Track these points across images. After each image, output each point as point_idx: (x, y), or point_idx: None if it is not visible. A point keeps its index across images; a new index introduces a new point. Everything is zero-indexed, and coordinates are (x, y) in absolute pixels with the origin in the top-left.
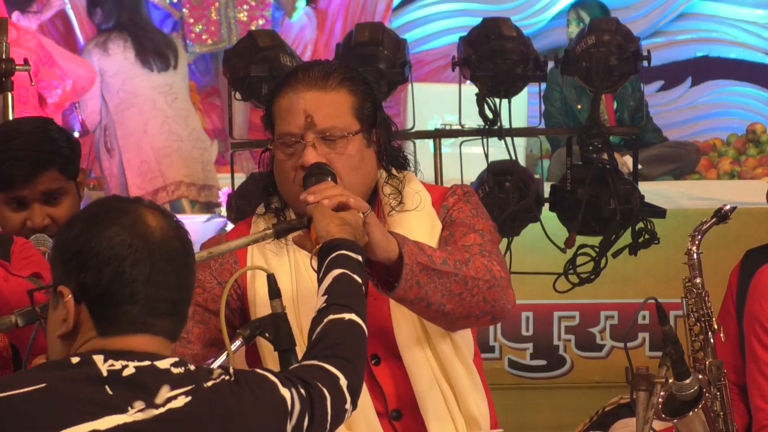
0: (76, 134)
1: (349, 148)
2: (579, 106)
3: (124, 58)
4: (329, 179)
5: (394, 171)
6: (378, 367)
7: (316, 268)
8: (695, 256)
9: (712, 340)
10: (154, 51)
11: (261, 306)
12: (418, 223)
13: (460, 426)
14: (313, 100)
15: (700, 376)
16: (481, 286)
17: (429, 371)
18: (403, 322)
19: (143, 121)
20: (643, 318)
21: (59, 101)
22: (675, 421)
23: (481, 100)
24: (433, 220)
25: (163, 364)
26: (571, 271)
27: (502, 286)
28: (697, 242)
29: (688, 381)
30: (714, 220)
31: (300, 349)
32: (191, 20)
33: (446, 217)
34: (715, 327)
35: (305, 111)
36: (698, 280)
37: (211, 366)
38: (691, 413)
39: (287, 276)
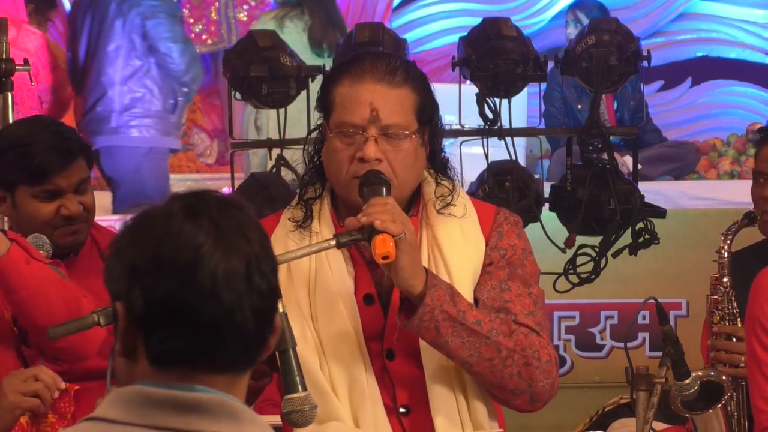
0: None
1: (407, 146)
2: (579, 106)
3: (299, 39)
4: (383, 189)
5: (440, 175)
6: (392, 362)
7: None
8: (726, 254)
9: (734, 339)
10: (325, 36)
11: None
12: (462, 232)
13: (467, 429)
14: (380, 94)
15: (723, 377)
16: (517, 360)
17: (446, 371)
18: None
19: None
20: (643, 318)
21: (51, 108)
22: (691, 416)
23: (481, 100)
24: (478, 236)
25: None
26: (571, 271)
27: (544, 369)
28: (729, 241)
29: (688, 381)
30: (745, 221)
31: (304, 346)
32: (191, 20)
33: (500, 249)
34: (740, 326)
35: (371, 104)
36: (726, 279)
37: None
38: (710, 410)
39: (306, 265)
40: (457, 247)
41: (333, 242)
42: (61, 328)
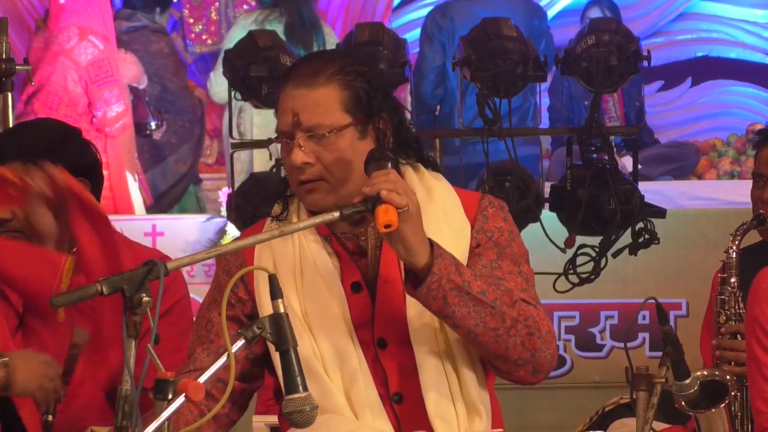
0: (153, 126)
1: (338, 144)
2: (586, 103)
3: None
4: (388, 164)
5: (405, 160)
6: (383, 351)
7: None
8: (734, 255)
9: (739, 337)
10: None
11: (265, 291)
12: (447, 217)
13: (460, 411)
14: (300, 98)
15: (727, 376)
16: (521, 330)
17: (436, 356)
18: (418, 307)
19: None
20: (643, 318)
21: (99, 124)
22: (695, 414)
23: (481, 100)
24: (462, 220)
25: None
26: (571, 271)
27: (545, 340)
28: (737, 241)
29: (688, 381)
30: (755, 222)
31: (303, 337)
32: (191, 20)
33: (486, 231)
34: None
35: (293, 110)
36: (733, 280)
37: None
38: (714, 409)
39: (291, 260)
40: (442, 233)
41: (336, 214)
42: (63, 298)
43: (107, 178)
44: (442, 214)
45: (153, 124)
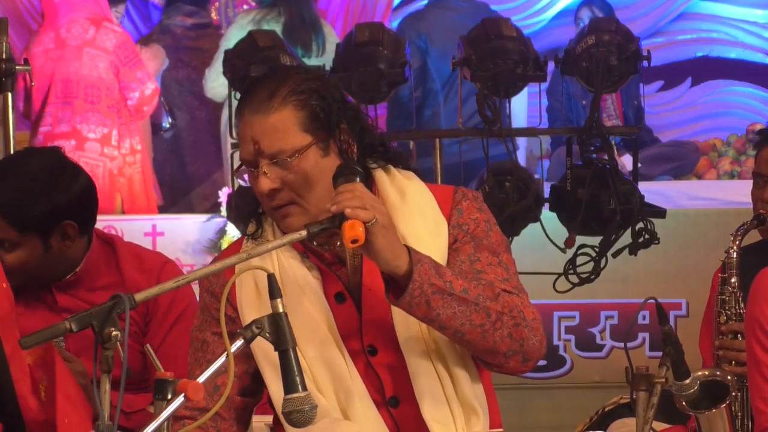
0: (167, 125)
1: (302, 165)
2: (584, 102)
3: None
4: (356, 178)
5: (374, 163)
6: (375, 357)
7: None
8: (734, 255)
9: (739, 337)
10: (298, 37)
11: (248, 309)
12: (423, 218)
13: (456, 412)
14: (257, 125)
15: (728, 377)
16: (506, 322)
17: (427, 358)
18: (404, 312)
19: None
20: (643, 318)
21: (137, 104)
22: (696, 415)
23: (481, 100)
24: (439, 219)
25: None
26: (571, 271)
27: (531, 327)
28: (738, 241)
29: (688, 381)
30: (755, 222)
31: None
32: None
33: (462, 226)
34: None
35: (252, 138)
36: (734, 279)
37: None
38: (715, 409)
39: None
40: (420, 236)
41: (304, 232)
42: (32, 338)
43: (141, 163)
44: (417, 214)
45: (167, 123)
